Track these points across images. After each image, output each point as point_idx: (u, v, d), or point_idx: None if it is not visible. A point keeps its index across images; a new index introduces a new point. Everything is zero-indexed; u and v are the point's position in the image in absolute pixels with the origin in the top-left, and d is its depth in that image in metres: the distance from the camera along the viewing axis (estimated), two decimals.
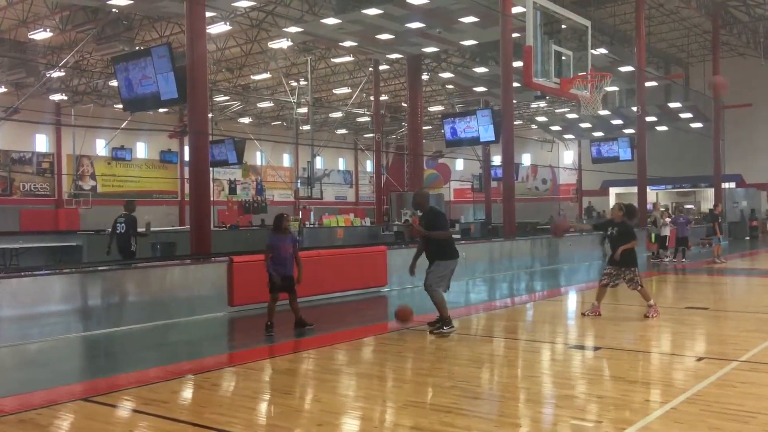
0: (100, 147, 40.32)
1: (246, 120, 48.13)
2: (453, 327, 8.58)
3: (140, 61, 16.23)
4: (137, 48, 25.58)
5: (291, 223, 8.89)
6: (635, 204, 21.10)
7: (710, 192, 35.84)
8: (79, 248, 20.79)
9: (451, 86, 39.78)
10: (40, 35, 27.36)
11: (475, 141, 28.85)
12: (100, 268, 10.33)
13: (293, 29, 26.46)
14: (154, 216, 41.92)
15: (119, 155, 42.28)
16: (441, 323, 8.59)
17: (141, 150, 45.93)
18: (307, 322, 9.11)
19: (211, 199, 16.29)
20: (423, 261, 9.05)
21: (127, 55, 18.62)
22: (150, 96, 16.04)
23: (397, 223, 26.68)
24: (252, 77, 38.79)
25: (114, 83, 26.31)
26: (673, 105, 37.44)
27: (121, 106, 20.09)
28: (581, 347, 8.17)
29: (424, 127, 37.14)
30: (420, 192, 9.84)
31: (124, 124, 30.14)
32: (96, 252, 19.77)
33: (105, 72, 33.53)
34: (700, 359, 7.24)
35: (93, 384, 6.64)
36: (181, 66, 14.89)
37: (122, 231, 14.20)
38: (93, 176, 43.15)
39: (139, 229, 14.45)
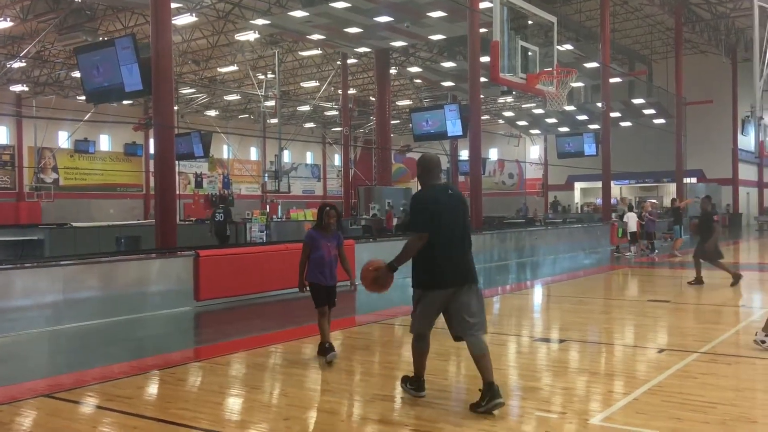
0: (63, 139, 39.56)
1: (212, 113, 47.65)
2: (420, 394, 5.50)
3: (104, 52, 15.95)
4: (101, 39, 25.13)
5: (332, 220, 6.96)
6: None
7: (672, 187, 36.51)
8: (40, 242, 20.39)
9: (419, 81, 39.87)
10: (0, 24, 26.70)
11: (442, 135, 28.99)
12: (62, 262, 10.15)
13: (260, 21, 26.24)
14: (118, 210, 41.54)
15: (82, 148, 41.55)
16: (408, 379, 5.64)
17: (105, 142, 45.20)
18: (331, 354, 6.83)
19: (177, 192, 16.09)
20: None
21: (90, 46, 18.30)
22: (114, 88, 15.78)
23: (365, 217, 26.69)
24: (219, 69, 38.39)
25: (77, 74, 25.84)
26: (636, 101, 38.06)
27: (84, 97, 19.75)
28: (546, 340, 8.28)
29: (392, 121, 37.16)
30: (422, 157, 5.61)
31: (87, 116, 29.63)
32: (59, 246, 19.46)
33: (67, 63, 32.87)
34: (661, 351, 7.39)
35: (56, 380, 6.53)
36: (145, 57, 14.66)
37: (221, 219, 18.85)
38: (55, 169, 42.34)
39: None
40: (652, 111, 38.77)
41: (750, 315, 10.11)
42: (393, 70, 34.25)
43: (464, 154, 41.25)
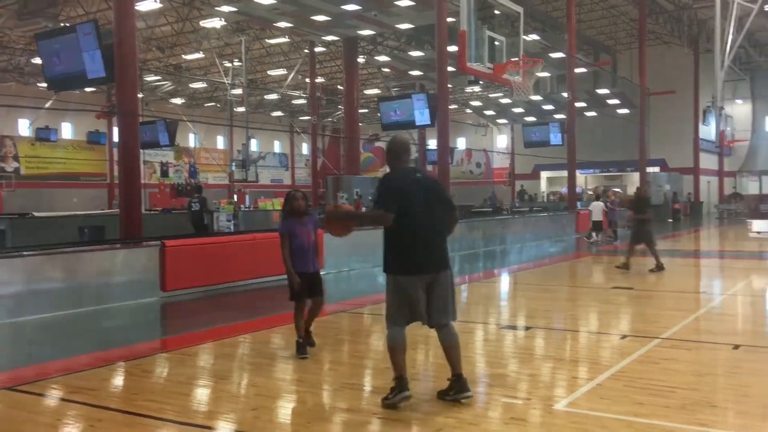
0: (23, 127, 38.72)
1: (178, 101, 47.00)
2: (404, 395, 4.99)
3: (65, 38, 15.59)
4: (62, 25, 24.58)
5: (300, 202, 6.77)
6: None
7: (636, 176, 37.08)
8: (1, 233, 19.95)
9: (387, 70, 39.80)
10: None
11: (410, 125, 28.96)
12: (24, 253, 9.95)
13: (226, 8, 25.91)
14: (81, 199, 40.80)
15: (44, 136, 40.63)
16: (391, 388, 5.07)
17: (67, 130, 44.31)
18: (311, 340, 6.86)
19: (142, 181, 15.87)
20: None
21: (51, 32, 17.89)
22: (76, 74, 15.45)
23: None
24: (184, 57, 37.85)
25: (37, 61, 25.26)
26: (601, 91, 38.51)
27: (45, 84, 19.33)
28: (513, 327, 8.38)
29: (360, 111, 37.06)
30: (391, 140, 5.51)
31: (49, 103, 29.03)
32: (21, 236, 19.08)
33: (28, 49, 32.11)
34: (624, 337, 7.53)
35: (18, 373, 6.42)
36: (108, 44, 14.36)
37: (197, 209, 18.94)
38: (16, 158, 41.37)
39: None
40: (616, 101, 39.28)
41: (710, 301, 10.37)
42: (361, 59, 34.11)
43: (432, 144, 41.27)
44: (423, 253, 5.07)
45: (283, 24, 27.92)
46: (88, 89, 35.10)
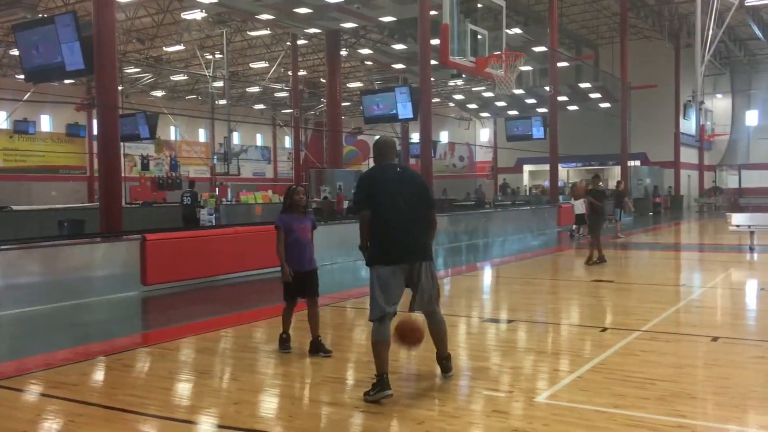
0: (1, 120, 38.13)
1: (159, 93, 46.57)
2: (386, 393, 4.92)
3: (43, 29, 15.38)
4: (40, 16, 24.23)
5: (302, 196, 6.59)
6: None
7: (617, 170, 37.35)
8: None
9: (369, 63, 39.71)
10: None
11: (393, 118, 28.97)
12: (2, 247, 9.83)
13: (207, 0, 25.68)
14: (60, 192, 40.36)
15: (22, 128, 40.11)
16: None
17: (46, 123, 43.74)
18: (325, 347, 6.44)
19: (123, 175, 15.72)
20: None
21: (29, 23, 17.64)
22: (54, 66, 15.26)
23: (316, 200, 26.57)
24: (165, 49, 37.46)
25: (15, 52, 24.89)
26: (583, 85, 38.68)
27: (23, 76, 19.07)
28: (495, 320, 8.42)
29: (343, 104, 36.96)
30: (376, 140, 5.65)
31: (27, 95, 28.56)
32: None
33: (5, 41, 31.64)
34: (604, 330, 7.59)
35: None
36: (87, 35, 14.18)
37: (188, 203, 19.40)
38: None
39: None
40: (598, 95, 39.49)
41: (690, 294, 10.48)
42: (343, 52, 34.00)
43: (415, 137, 41.37)
44: (399, 243, 5.15)
45: (265, 16, 27.75)
46: (67, 81, 34.66)
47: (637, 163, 40.47)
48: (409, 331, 5.15)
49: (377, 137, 5.79)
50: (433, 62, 21.00)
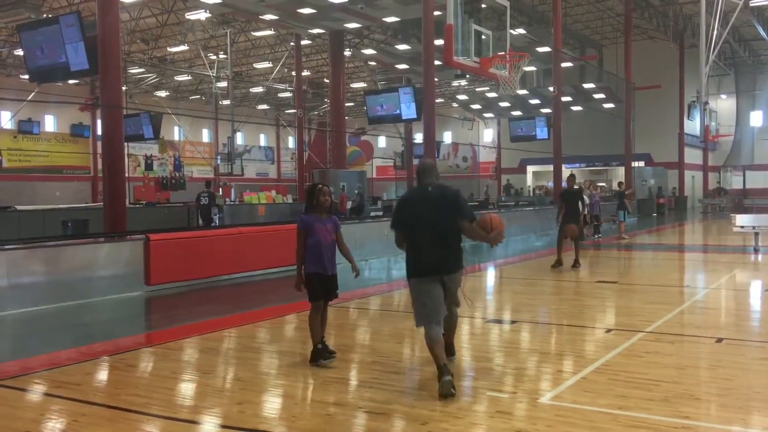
0: (5, 119, 38.21)
1: (163, 93, 46.66)
2: (445, 378, 5.14)
3: (48, 29, 15.43)
4: (44, 16, 24.29)
5: (327, 197, 6.35)
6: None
7: (621, 170, 37.29)
8: None
9: (373, 63, 39.71)
10: None
11: (397, 118, 28.96)
12: (6, 246, 9.85)
13: (211, 0, 25.72)
14: (64, 192, 40.45)
15: (26, 128, 40.22)
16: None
17: (50, 123, 43.85)
18: (330, 349, 6.25)
19: (126, 175, 15.76)
20: None
21: (33, 23, 17.69)
22: (58, 66, 15.31)
23: None
24: (169, 49, 37.53)
25: (20, 52, 24.96)
26: (587, 86, 38.65)
27: (27, 76, 19.11)
28: (499, 321, 8.41)
29: (346, 104, 36.99)
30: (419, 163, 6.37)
31: (31, 95, 28.63)
32: (2, 230, 18.85)
33: (10, 40, 31.73)
34: (608, 331, 7.58)
35: (1, 367, 6.35)
36: (91, 36, 14.23)
37: (206, 203, 20.34)
38: None
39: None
40: (602, 95, 39.44)
41: (694, 295, 10.45)
42: (347, 52, 34.01)
43: (418, 137, 41.35)
44: (426, 259, 5.59)
45: (268, 16, 27.76)
46: (71, 81, 34.77)
47: (642, 163, 40.40)
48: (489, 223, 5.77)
49: (420, 161, 6.34)
50: (436, 62, 21.03)
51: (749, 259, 15.12)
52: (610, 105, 39.57)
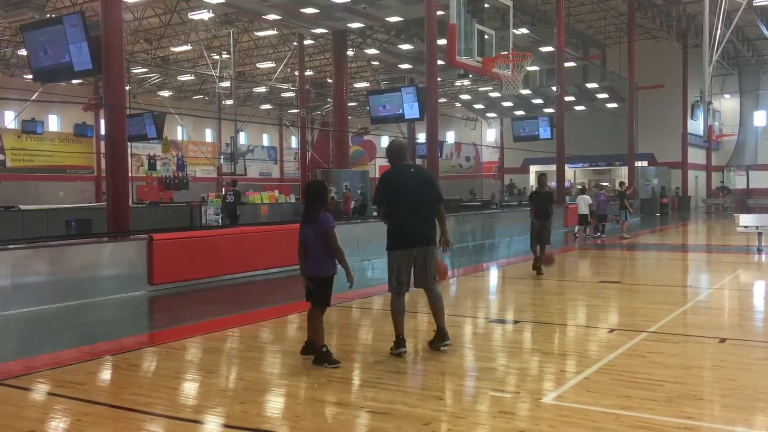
0: (9, 119, 38.31)
1: (166, 93, 46.71)
2: (401, 350, 6.23)
3: (51, 29, 15.46)
4: (48, 16, 24.33)
5: (332, 197, 6.23)
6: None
7: (624, 170, 37.24)
8: None
9: (376, 63, 39.70)
10: None
11: (400, 118, 28.95)
12: (10, 246, 9.87)
13: (214, 0, 25.74)
14: (68, 192, 40.53)
15: (30, 128, 40.34)
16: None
17: (54, 123, 43.95)
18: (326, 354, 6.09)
19: (130, 174, 15.77)
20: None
21: (37, 23, 17.73)
22: (62, 66, 15.34)
23: None
24: (172, 49, 37.59)
25: (23, 52, 25.00)
26: (590, 85, 38.60)
27: (31, 76, 19.16)
28: (501, 321, 8.40)
29: (349, 104, 36.98)
30: (389, 144, 6.70)
31: (35, 95, 28.70)
32: (6, 229, 18.92)
33: (13, 40, 31.78)
34: (611, 331, 7.57)
35: (4, 366, 6.36)
36: (95, 36, 14.25)
37: (231, 200, 21.13)
38: (1, 150, 41.00)
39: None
40: (605, 95, 39.38)
41: (697, 295, 10.44)
42: (350, 52, 34.01)
43: (421, 137, 41.34)
44: (407, 232, 6.23)
45: (271, 16, 27.77)
46: (74, 81, 34.82)
47: (645, 163, 40.34)
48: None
49: (390, 141, 6.79)
50: (439, 62, 21.01)
51: (753, 259, 15.09)
52: (614, 105, 39.52)
